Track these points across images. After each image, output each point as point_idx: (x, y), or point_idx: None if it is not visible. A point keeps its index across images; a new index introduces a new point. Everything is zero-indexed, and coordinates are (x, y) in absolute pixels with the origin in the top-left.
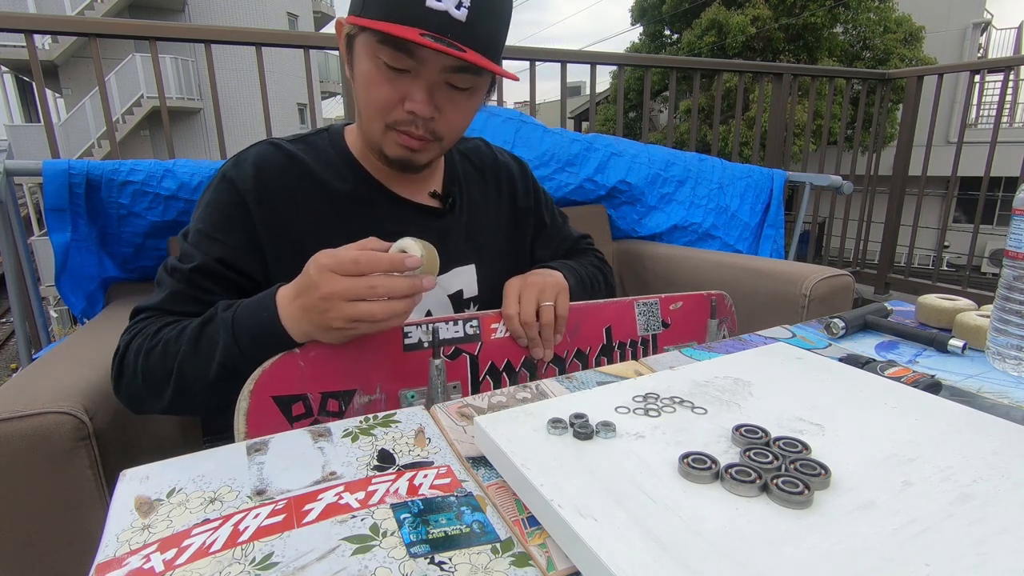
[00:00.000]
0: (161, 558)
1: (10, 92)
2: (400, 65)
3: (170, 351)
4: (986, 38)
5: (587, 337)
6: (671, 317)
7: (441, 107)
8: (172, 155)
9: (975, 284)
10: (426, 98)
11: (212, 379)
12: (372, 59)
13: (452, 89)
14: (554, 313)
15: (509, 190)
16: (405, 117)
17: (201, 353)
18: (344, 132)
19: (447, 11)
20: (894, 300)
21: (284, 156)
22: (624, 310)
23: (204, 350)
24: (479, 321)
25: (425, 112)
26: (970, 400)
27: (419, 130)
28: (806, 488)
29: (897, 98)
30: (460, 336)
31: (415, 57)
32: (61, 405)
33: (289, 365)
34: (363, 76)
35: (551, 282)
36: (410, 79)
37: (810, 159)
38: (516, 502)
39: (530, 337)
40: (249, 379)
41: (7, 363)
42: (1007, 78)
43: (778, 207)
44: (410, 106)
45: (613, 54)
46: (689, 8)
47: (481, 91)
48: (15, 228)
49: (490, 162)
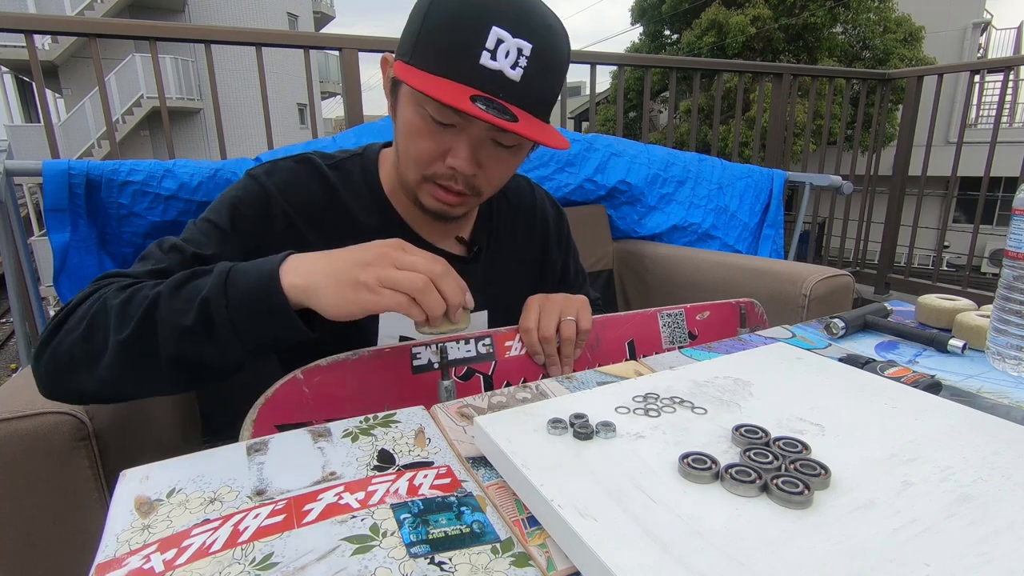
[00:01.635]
0: (161, 558)
1: (10, 92)
2: (446, 120)
3: (140, 295)
4: (986, 38)
5: (609, 352)
6: (698, 328)
7: (484, 163)
8: (172, 155)
9: (975, 284)
10: (469, 155)
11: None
12: (417, 109)
13: (497, 146)
14: (575, 328)
15: (542, 238)
16: (445, 171)
17: (181, 296)
18: (379, 159)
19: (501, 71)
20: (894, 300)
21: (319, 178)
22: (647, 322)
23: (186, 293)
24: (492, 339)
25: (467, 170)
26: (970, 400)
27: (458, 185)
28: (806, 488)
29: (897, 98)
30: (472, 356)
31: (461, 114)
32: (61, 405)
33: (292, 392)
34: (406, 125)
35: (572, 299)
36: (455, 133)
37: (810, 159)
38: (516, 502)
39: (547, 353)
40: (252, 409)
41: (7, 363)
42: (1007, 78)
43: (778, 207)
44: (452, 162)
45: (613, 54)
46: (689, 8)
47: (527, 147)
48: (15, 228)
49: (528, 203)
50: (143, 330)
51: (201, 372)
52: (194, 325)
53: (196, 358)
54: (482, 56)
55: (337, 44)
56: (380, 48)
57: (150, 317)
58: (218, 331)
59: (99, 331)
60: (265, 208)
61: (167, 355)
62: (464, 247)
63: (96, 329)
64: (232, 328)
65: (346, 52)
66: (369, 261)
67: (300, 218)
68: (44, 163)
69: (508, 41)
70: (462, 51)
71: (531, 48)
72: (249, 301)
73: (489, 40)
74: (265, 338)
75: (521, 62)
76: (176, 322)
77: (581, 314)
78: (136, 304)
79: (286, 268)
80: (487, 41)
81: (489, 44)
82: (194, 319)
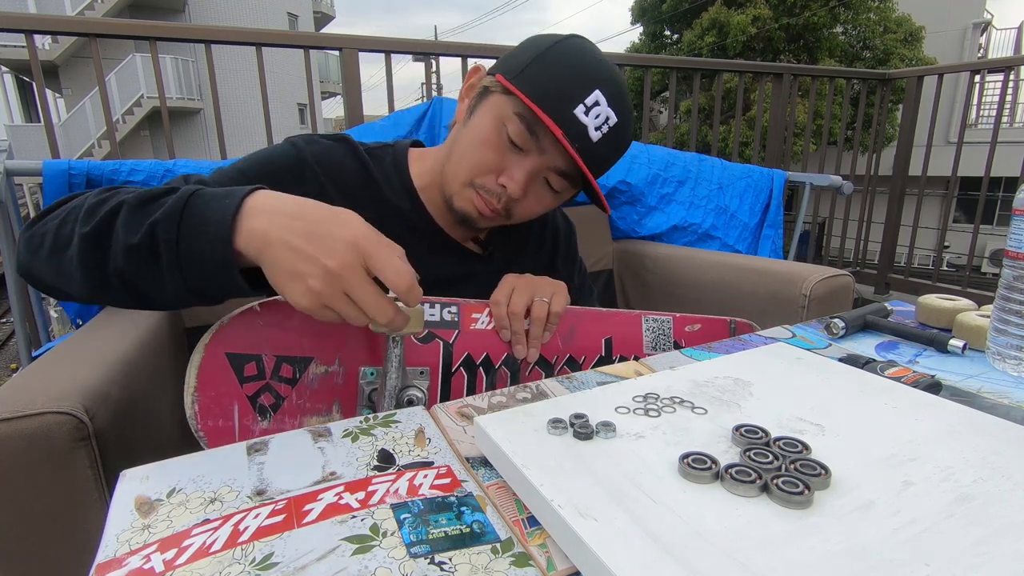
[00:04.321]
0: (161, 558)
1: (10, 92)
2: (520, 143)
3: (114, 199)
4: (986, 38)
5: (583, 346)
6: (685, 339)
7: (528, 194)
8: (172, 155)
9: (975, 284)
10: (524, 181)
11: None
12: (497, 122)
13: (545, 185)
14: (547, 310)
15: (551, 247)
16: (494, 187)
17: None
18: (408, 157)
19: (587, 127)
20: (894, 300)
21: (355, 157)
22: (629, 323)
23: (147, 210)
24: (459, 308)
25: (517, 193)
26: (970, 400)
27: (499, 203)
28: (806, 488)
29: (897, 98)
30: (436, 320)
31: (539, 144)
32: (61, 405)
33: (248, 323)
34: (479, 132)
35: (550, 281)
36: (519, 158)
37: (810, 159)
38: (516, 502)
39: (514, 330)
40: (206, 333)
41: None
42: (1007, 78)
43: (777, 207)
44: (504, 181)
45: (613, 54)
46: (689, 8)
47: (565, 198)
48: (15, 228)
49: None
50: (100, 233)
51: (143, 297)
52: (139, 246)
53: (135, 280)
54: (577, 108)
55: (337, 44)
56: (380, 48)
57: (108, 224)
58: (162, 261)
59: (69, 224)
60: (298, 173)
61: (114, 267)
62: (479, 247)
63: (67, 222)
64: (177, 264)
65: (346, 52)
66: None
67: (333, 188)
68: (44, 163)
69: (602, 106)
70: (565, 96)
71: (616, 122)
72: (197, 240)
73: (589, 98)
74: (206, 286)
75: (604, 128)
76: (126, 237)
77: (555, 298)
78: (105, 206)
79: (251, 206)
80: (587, 98)
81: (588, 101)
82: (139, 239)
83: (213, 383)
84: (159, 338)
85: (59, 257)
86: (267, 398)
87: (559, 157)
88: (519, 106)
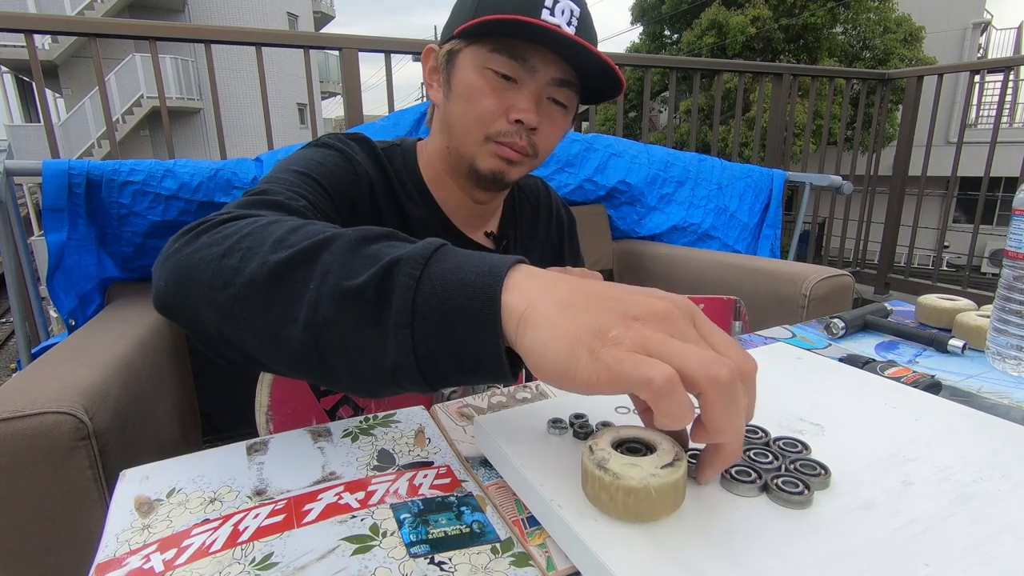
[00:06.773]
0: (161, 558)
1: (10, 92)
2: (511, 73)
3: (312, 227)
4: (986, 38)
5: None
6: None
7: (542, 119)
8: (172, 155)
9: (975, 284)
10: (533, 106)
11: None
12: (479, 70)
13: (553, 104)
14: None
15: (558, 238)
16: (508, 128)
17: (364, 252)
18: (416, 152)
19: (560, 26)
20: (894, 300)
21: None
22: None
23: (371, 250)
24: None
25: (532, 120)
26: (970, 400)
27: (522, 140)
28: (806, 488)
29: (897, 98)
30: None
31: (529, 65)
32: (61, 405)
33: None
34: (467, 88)
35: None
36: (516, 90)
37: (810, 159)
38: (516, 502)
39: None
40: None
41: (7, 363)
42: (1007, 78)
43: (777, 207)
44: (517, 114)
45: (613, 54)
46: (689, 8)
47: (573, 110)
48: (15, 228)
49: (545, 203)
50: (295, 265)
51: (330, 362)
52: (363, 286)
53: (336, 337)
54: (542, 12)
55: (337, 44)
56: (380, 48)
57: (314, 255)
58: (391, 306)
59: (238, 253)
60: (351, 169)
61: (305, 315)
62: (493, 241)
63: (236, 250)
64: (411, 310)
65: (346, 52)
66: (635, 315)
67: (375, 186)
68: (44, 163)
69: (563, 1)
70: (526, 9)
71: (579, 11)
72: (453, 285)
73: None
74: (444, 346)
75: (573, 21)
76: (341, 275)
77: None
78: (304, 234)
79: (512, 277)
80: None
81: (548, 2)
82: (367, 279)
83: (288, 401)
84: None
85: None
86: (346, 410)
87: (551, 67)
88: (493, 43)
